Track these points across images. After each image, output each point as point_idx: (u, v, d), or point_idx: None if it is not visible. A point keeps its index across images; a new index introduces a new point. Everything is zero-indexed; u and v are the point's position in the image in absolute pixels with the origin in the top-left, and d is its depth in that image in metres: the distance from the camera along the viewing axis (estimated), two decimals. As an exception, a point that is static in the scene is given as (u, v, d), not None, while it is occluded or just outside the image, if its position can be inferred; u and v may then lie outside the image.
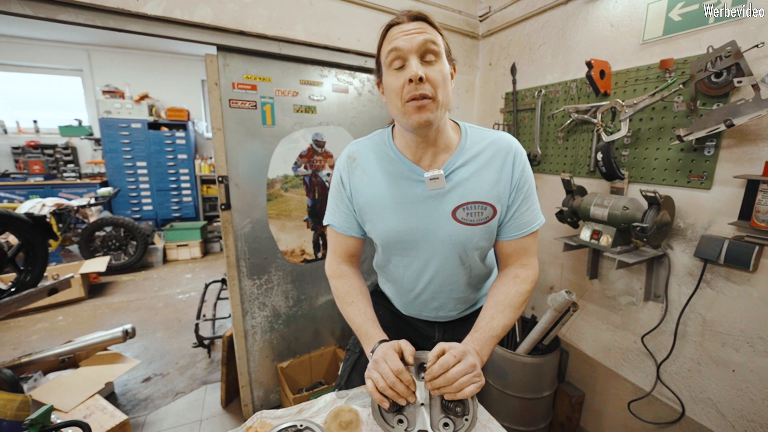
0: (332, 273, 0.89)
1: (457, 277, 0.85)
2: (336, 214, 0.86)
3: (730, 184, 1.08)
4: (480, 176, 0.76)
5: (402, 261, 0.85)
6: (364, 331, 0.79)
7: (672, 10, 1.18)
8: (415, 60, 0.67)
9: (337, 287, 0.87)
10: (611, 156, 1.31)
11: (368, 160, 0.81)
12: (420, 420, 0.64)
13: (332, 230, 0.88)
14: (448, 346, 0.67)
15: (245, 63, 1.54)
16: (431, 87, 0.67)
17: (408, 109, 0.68)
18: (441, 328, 0.96)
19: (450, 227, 0.77)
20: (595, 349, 1.57)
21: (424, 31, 0.68)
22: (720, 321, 1.15)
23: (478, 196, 0.76)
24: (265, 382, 1.85)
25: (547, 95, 1.67)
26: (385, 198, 0.79)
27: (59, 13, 1.16)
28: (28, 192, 4.03)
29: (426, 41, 0.67)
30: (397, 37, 0.68)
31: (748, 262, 1.03)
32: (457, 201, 0.76)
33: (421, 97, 0.66)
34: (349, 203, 0.84)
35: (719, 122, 1.00)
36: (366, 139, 0.86)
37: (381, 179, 0.79)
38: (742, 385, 1.11)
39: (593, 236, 1.34)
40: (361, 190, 0.81)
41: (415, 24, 0.69)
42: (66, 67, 4.53)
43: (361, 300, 0.83)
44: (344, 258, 0.89)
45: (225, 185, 1.56)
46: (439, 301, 0.89)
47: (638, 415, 1.39)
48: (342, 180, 0.83)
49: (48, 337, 2.65)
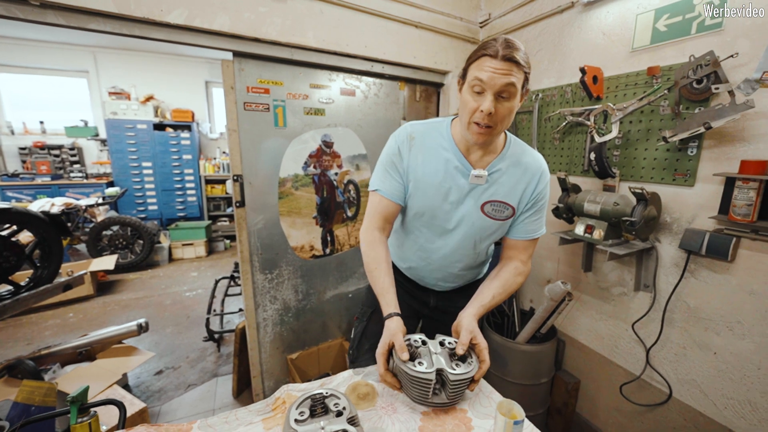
0: (365, 238, 0.97)
1: (465, 258, 1.01)
2: (385, 180, 0.95)
3: (711, 182, 1.18)
4: (511, 182, 0.92)
5: (426, 234, 0.99)
6: (382, 297, 0.91)
7: (658, 21, 1.28)
8: (491, 97, 0.77)
9: (366, 252, 0.96)
10: (603, 156, 1.41)
11: (425, 143, 0.93)
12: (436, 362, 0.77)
13: (377, 195, 0.97)
14: (471, 330, 0.83)
15: (259, 68, 1.62)
16: (496, 120, 0.80)
17: (472, 129, 0.83)
18: (435, 296, 1.13)
19: (476, 217, 0.93)
20: (589, 337, 1.67)
21: (509, 74, 0.75)
22: (703, 308, 1.24)
23: (505, 197, 0.92)
24: (276, 373, 1.93)
25: (544, 98, 1.76)
26: (435, 178, 0.92)
27: (90, 22, 1.24)
28: (36, 192, 4.10)
29: (507, 84, 0.76)
30: (485, 69, 0.76)
31: (726, 252, 1.12)
32: (488, 197, 0.92)
33: (485, 126, 0.80)
34: (403, 173, 0.94)
35: (700, 125, 1.09)
36: (421, 124, 0.96)
37: (436, 163, 0.92)
38: (722, 366, 1.21)
39: (587, 231, 1.43)
40: (416, 167, 0.93)
41: (505, 65, 0.75)
42: (72, 68, 4.61)
43: (384, 268, 0.93)
44: (380, 223, 0.97)
45: (240, 183, 1.65)
46: (443, 273, 1.05)
47: (629, 398, 1.49)
48: (401, 152, 0.93)
49: (60, 332, 2.72)
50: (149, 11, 1.29)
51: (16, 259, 1.91)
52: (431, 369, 0.75)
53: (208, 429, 0.73)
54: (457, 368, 0.76)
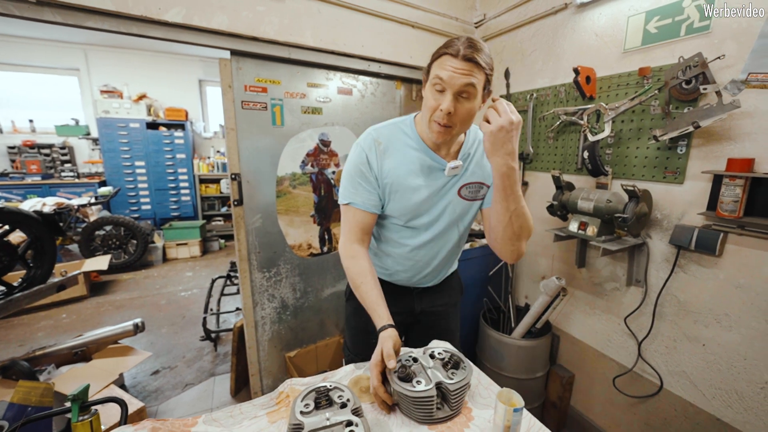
0: (346, 253, 0.94)
1: (450, 243, 1.01)
2: (357, 191, 0.92)
3: (700, 179, 1.22)
4: (480, 163, 0.95)
5: (409, 233, 0.98)
6: (373, 310, 0.88)
7: (649, 23, 1.32)
8: (450, 97, 0.77)
9: (349, 267, 0.93)
10: (596, 154, 1.44)
11: (393, 145, 0.92)
12: (433, 377, 0.76)
13: (350, 208, 0.93)
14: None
15: (257, 67, 1.63)
16: (455, 120, 0.80)
17: (432, 127, 0.83)
18: (420, 299, 1.09)
19: (456, 202, 0.95)
20: (583, 332, 1.70)
21: (469, 74, 0.75)
22: (692, 301, 1.29)
23: (478, 177, 0.95)
24: (274, 371, 1.94)
25: (539, 98, 1.80)
26: (411, 180, 0.91)
27: (87, 20, 1.24)
28: (26, 192, 4.04)
29: (466, 84, 0.76)
30: (446, 68, 0.76)
31: (714, 247, 1.16)
32: (464, 181, 0.94)
33: (444, 125, 0.81)
34: (374, 181, 0.92)
35: (689, 124, 1.13)
36: (385, 126, 0.95)
37: (405, 162, 0.91)
38: (710, 358, 1.25)
39: (581, 227, 1.47)
40: (388, 171, 0.91)
41: (465, 65, 0.75)
42: (62, 66, 4.53)
43: (371, 280, 0.91)
44: (358, 236, 0.94)
45: (238, 182, 1.65)
46: (432, 265, 1.03)
47: (622, 391, 1.53)
48: (369, 160, 0.91)
49: (53, 333, 2.69)
50: (147, 9, 1.29)
51: (9, 259, 1.89)
52: (430, 385, 0.73)
53: (213, 423, 0.74)
54: (453, 377, 0.76)
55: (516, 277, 2.02)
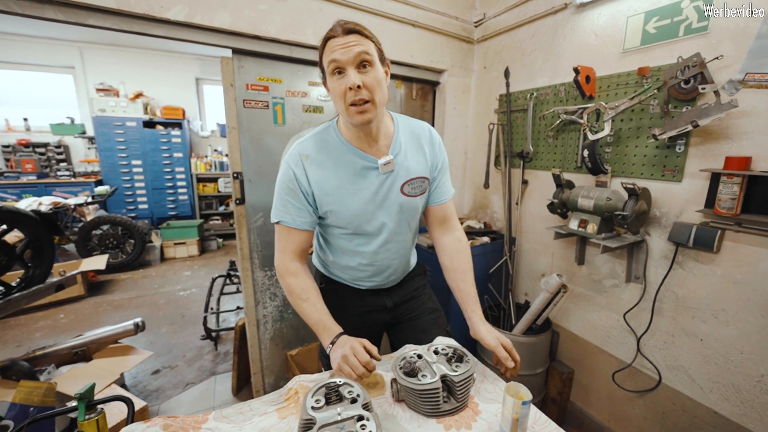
0: (284, 271, 0.92)
1: (405, 242, 1.02)
2: (287, 209, 0.89)
3: (698, 177, 1.24)
4: (415, 155, 0.94)
5: (362, 238, 0.96)
6: (322, 325, 0.88)
7: (648, 23, 1.33)
8: (353, 70, 0.78)
9: (291, 284, 0.91)
10: (596, 153, 1.46)
11: (321, 155, 0.89)
12: (438, 370, 0.78)
13: (283, 227, 0.91)
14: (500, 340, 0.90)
15: (258, 65, 1.63)
16: (368, 92, 0.79)
17: (351, 112, 0.81)
18: (388, 295, 1.08)
19: (400, 200, 0.94)
20: (582, 328, 1.73)
21: (358, 44, 0.77)
22: (690, 297, 1.31)
23: (418, 172, 0.94)
24: (276, 369, 1.94)
25: (539, 97, 1.81)
26: (345, 185, 0.89)
27: (89, 18, 1.23)
28: (21, 191, 3.99)
29: (360, 53, 0.77)
30: (335, 49, 0.77)
31: (712, 244, 1.19)
32: (404, 178, 0.92)
33: (361, 102, 0.79)
34: (304, 197, 0.89)
35: (687, 123, 1.15)
36: (310, 138, 0.92)
37: (338, 170, 0.89)
38: (708, 352, 1.28)
39: (581, 225, 1.49)
40: (319, 183, 0.88)
41: (351, 37, 0.77)
42: (57, 64, 4.49)
43: (315, 296, 0.90)
44: (295, 254, 0.92)
45: (240, 181, 1.65)
46: (393, 266, 1.02)
47: (621, 386, 1.55)
48: (296, 176, 0.88)
49: (51, 334, 2.67)
50: (149, 8, 1.28)
51: (7, 259, 1.87)
52: (435, 378, 0.75)
53: (223, 420, 0.75)
54: (458, 370, 0.78)
55: (516, 275, 2.04)
